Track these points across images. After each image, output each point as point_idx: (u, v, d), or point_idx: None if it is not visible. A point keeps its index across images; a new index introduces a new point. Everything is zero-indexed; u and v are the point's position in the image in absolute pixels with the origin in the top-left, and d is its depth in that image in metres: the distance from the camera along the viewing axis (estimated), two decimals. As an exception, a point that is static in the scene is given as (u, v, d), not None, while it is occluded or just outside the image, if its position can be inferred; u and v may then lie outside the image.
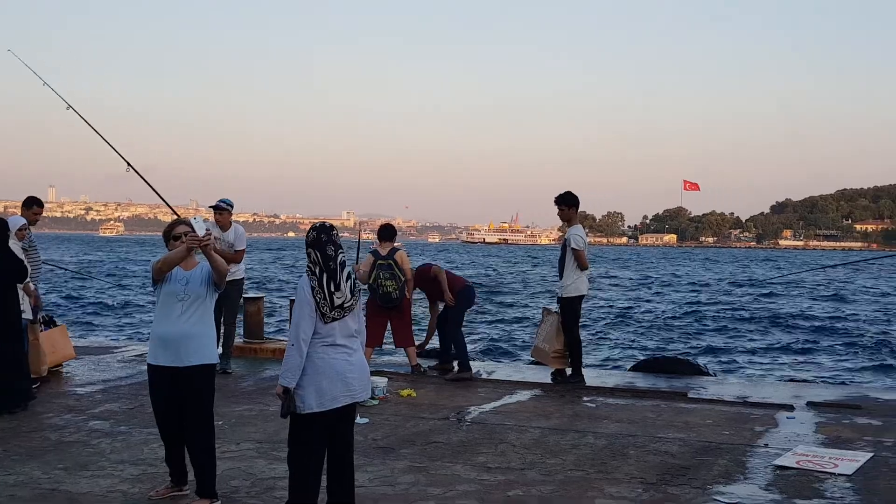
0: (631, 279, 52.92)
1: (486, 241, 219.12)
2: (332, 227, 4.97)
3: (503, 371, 10.98)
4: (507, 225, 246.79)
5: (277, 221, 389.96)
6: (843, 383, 12.94)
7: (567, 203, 9.99)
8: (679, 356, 12.75)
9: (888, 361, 17.60)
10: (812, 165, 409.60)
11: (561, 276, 9.97)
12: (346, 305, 4.82)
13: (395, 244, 10.33)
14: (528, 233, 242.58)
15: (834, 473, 6.26)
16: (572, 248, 9.79)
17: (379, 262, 10.08)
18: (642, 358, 12.59)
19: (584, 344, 10.44)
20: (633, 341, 20.76)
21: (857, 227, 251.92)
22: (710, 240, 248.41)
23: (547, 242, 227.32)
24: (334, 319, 4.79)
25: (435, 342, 10.84)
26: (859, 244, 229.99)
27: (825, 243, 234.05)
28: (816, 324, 25.53)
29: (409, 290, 10.26)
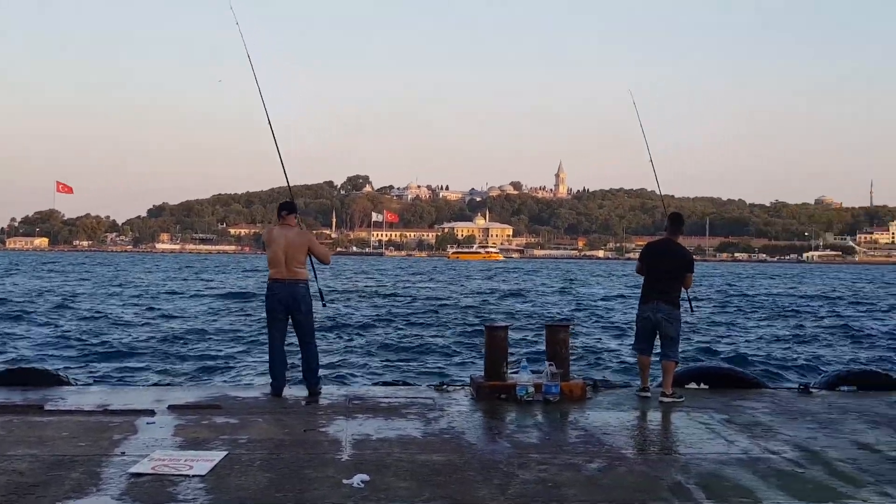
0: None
1: None
2: None
3: None
4: None
5: None
6: (205, 384, 13.26)
7: None
8: (47, 368, 11.97)
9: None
10: (190, 169, 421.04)
11: None
12: None
13: None
14: None
15: (189, 475, 6.28)
16: None
17: None
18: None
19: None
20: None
21: (232, 230, 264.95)
22: (86, 243, 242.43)
23: None
24: None
25: None
26: (233, 247, 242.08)
27: (201, 247, 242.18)
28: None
29: None
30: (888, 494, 6.16)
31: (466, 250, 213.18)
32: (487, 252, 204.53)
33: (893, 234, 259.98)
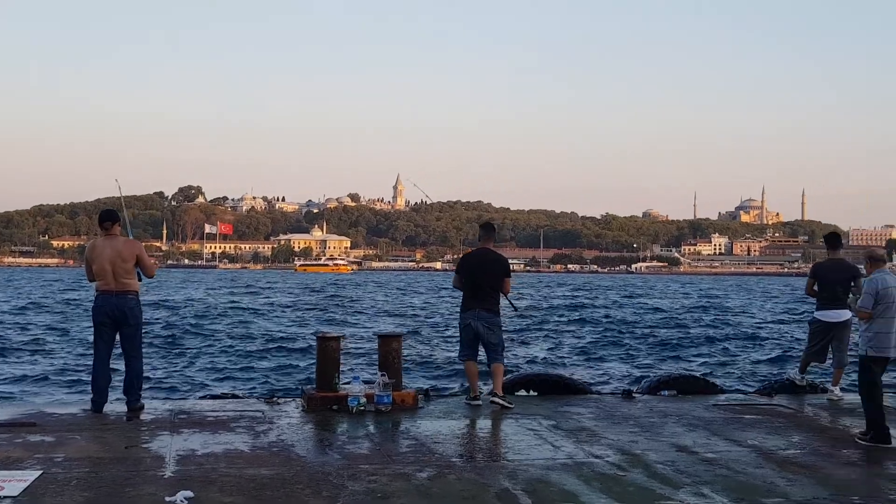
0: None
1: None
2: None
3: None
4: None
5: None
6: (20, 400, 12.60)
7: None
8: None
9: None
10: (8, 178, 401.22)
11: None
12: None
13: None
14: None
15: (0, 496, 5.95)
16: None
17: None
18: None
19: None
20: None
21: (55, 243, 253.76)
22: None
23: None
24: None
25: None
26: (56, 260, 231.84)
27: (21, 260, 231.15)
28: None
29: None
30: (703, 495, 6.43)
31: (315, 262, 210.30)
32: (336, 265, 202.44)
33: (715, 245, 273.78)
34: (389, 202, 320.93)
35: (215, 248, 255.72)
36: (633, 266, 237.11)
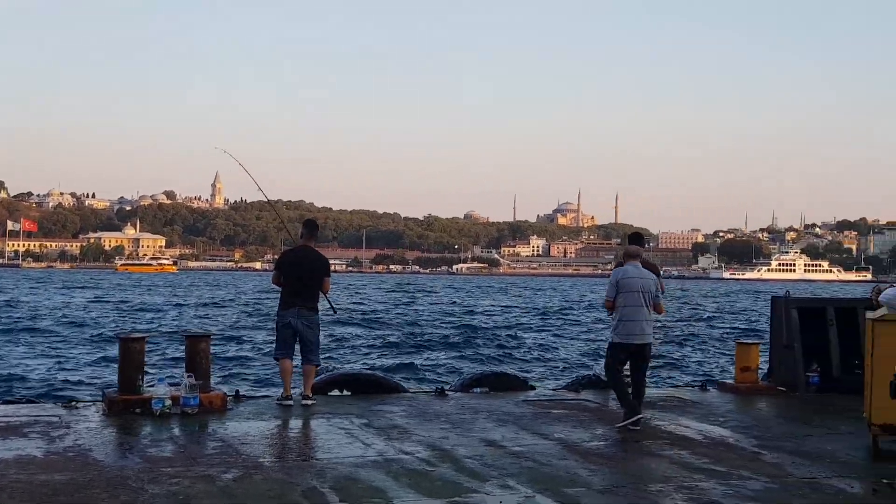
0: None
1: None
2: None
3: None
4: None
5: None
6: None
7: None
8: None
9: None
10: None
11: None
12: None
13: None
14: None
15: None
16: None
17: None
18: None
19: None
20: None
21: None
22: None
23: None
24: None
25: None
26: None
27: None
28: None
29: None
30: (509, 486, 6.55)
31: (137, 262, 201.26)
32: (161, 264, 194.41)
33: (533, 247, 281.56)
34: (207, 200, 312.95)
35: (18, 245, 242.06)
36: (455, 267, 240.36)
